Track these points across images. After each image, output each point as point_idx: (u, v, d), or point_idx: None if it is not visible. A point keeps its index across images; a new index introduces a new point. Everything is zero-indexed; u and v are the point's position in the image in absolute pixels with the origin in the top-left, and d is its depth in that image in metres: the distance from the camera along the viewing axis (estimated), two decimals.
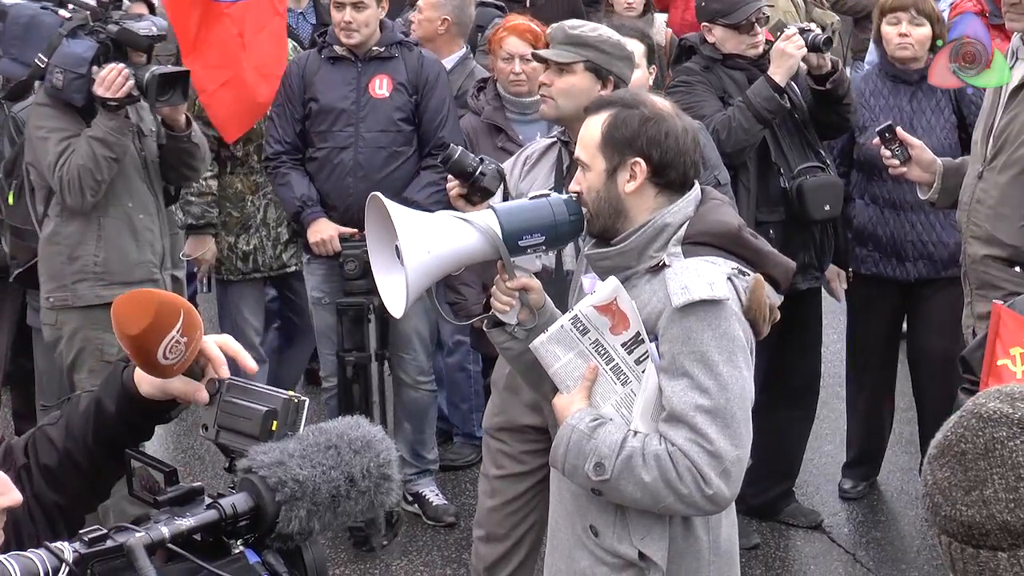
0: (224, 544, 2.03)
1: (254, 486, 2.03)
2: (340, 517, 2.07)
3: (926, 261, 6.24)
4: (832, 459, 7.02)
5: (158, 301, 2.18)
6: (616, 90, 4.70)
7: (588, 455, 3.40)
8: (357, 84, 6.31)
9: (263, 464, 2.03)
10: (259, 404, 2.18)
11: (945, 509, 1.94)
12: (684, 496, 3.35)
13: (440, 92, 6.34)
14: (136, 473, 2.21)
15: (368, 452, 2.07)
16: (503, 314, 3.63)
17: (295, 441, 2.07)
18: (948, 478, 1.94)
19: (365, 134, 6.27)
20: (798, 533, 6.41)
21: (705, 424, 3.33)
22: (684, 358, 3.35)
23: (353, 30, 6.26)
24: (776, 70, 5.88)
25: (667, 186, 3.52)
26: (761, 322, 3.46)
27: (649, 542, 3.50)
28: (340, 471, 2.04)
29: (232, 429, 2.21)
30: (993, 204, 5.04)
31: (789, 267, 3.59)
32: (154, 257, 5.85)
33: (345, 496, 2.05)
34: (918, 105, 6.20)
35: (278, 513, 2.01)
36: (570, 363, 3.48)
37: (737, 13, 6.03)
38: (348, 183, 6.27)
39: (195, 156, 5.93)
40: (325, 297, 6.39)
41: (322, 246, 6.25)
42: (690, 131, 3.55)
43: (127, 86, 5.51)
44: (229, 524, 2.02)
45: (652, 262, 3.47)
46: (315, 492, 2.02)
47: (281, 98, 6.44)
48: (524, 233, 3.50)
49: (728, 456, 3.34)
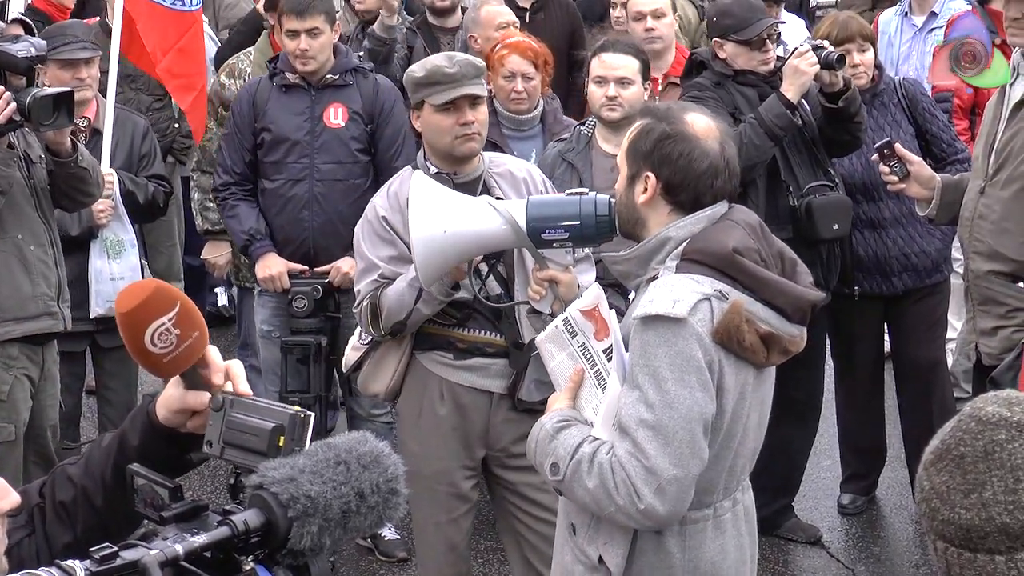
0: (235, 560, 2.03)
1: (265, 502, 2.02)
2: (349, 532, 2.06)
3: (911, 273, 6.26)
4: (831, 474, 7.02)
5: (156, 286, 2.20)
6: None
7: (548, 455, 3.46)
8: (311, 113, 6.13)
9: (274, 480, 2.02)
10: (266, 420, 2.18)
11: (943, 513, 1.95)
12: (620, 507, 3.36)
13: (396, 120, 6.16)
14: (139, 490, 2.20)
15: (376, 467, 2.07)
16: (535, 302, 3.70)
17: (304, 457, 2.06)
18: (946, 482, 1.95)
19: (321, 166, 6.09)
20: (797, 548, 6.40)
21: (645, 439, 3.33)
22: (639, 371, 3.36)
23: (309, 57, 6.08)
24: (788, 87, 5.85)
25: (679, 204, 3.53)
26: (738, 347, 3.39)
27: (610, 548, 3.51)
28: (350, 487, 2.04)
29: (238, 445, 2.20)
30: (996, 219, 5.06)
31: (801, 297, 3.50)
32: (49, 290, 5.57)
33: (355, 511, 2.04)
34: (875, 123, 6.21)
35: (290, 529, 2.01)
36: (562, 363, 3.55)
37: (749, 30, 6.01)
38: (304, 217, 6.11)
39: (86, 181, 5.63)
40: (275, 331, 6.24)
41: (270, 282, 6.11)
42: (711, 157, 3.52)
43: (8, 110, 5.22)
44: (241, 540, 2.01)
45: (653, 273, 3.51)
46: (327, 508, 2.02)
47: (230, 126, 6.25)
48: (548, 226, 3.61)
49: (664, 474, 3.32)
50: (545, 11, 8.15)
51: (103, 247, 6.25)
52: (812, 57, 5.86)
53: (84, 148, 5.68)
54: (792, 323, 3.49)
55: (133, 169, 6.46)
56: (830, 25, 6.27)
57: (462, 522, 4.98)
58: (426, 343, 4.84)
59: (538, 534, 4.85)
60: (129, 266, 6.30)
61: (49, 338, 5.66)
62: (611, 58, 5.75)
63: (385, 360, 4.89)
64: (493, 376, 4.82)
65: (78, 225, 6.16)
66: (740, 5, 6.10)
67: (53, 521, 2.37)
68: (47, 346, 5.65)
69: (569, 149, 5.72)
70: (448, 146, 4.78)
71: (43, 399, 5.66)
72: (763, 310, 3.43)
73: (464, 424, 4.87)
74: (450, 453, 4.88)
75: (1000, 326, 5.11)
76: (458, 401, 4.85)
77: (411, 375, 4.88)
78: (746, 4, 6.13)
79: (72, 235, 6.12)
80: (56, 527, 2.37)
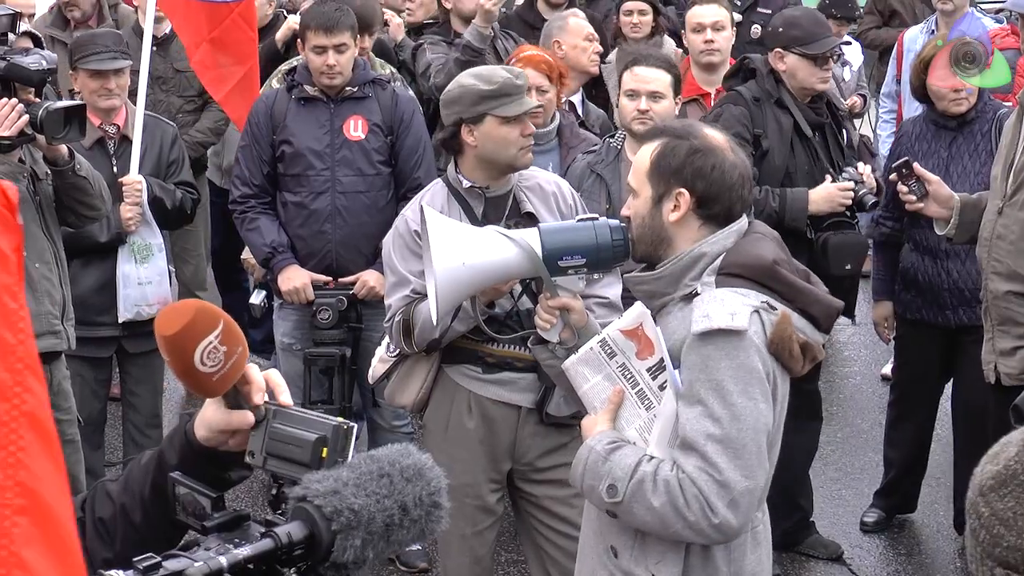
0: (277, 572, 2.02)
1: (309, 515, 2.01)
2: (392, 545, 2.05)
3: (966, 308, 6.13)
4: (854, 491, 7.01)
5: (197, 307, 2.16)
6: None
7: (603, 477, 3.43)
8: (331, 126, 6.12)
9: (318, 493, 2.01)
10: (309, 431, 2.16)
11: (1009, 540, 1.93)
12: (691, 523, 3.35)
13: (416, 131, 6.17)
14: (180, 498, 2.20)
15: (419, 480, 2.06)
16: (545, 332, 3.72)
17: (348, 469, 2.05)
18: (1013, 507, 1.93)
19: (342, 178, 6.09)
20: (818, 565, 6.39)
21: (715, 453, 3.33)
22: (700, 386, 3.36)
23: (337, 72, 6.08)
24: (818, 205, 5.89)
25: (711, 218, 3.53)
26: (788, 358, 3.44)
27: (663, 567, 3.51)
28: (393, 500, 2.03)
29: (280, 456, 2.19)
30: (1014, 240, 5.06)
31: (831, 305, 3.56)
32: (53, 308, 5.51)
33: (399, 525, 2.03)
34: (956, 150, 6.15)
35: (333, 542, 2.00)
36: (598, 385, 3.52)
37: (816, 44, 5.98)
38: (326, 229, 6.11)
39: (88, 191, 5.57)
40: (296, 344, 6.21)
41: (294, 295, 6.09)
42: (739, 167, 3.56)
43: (20, 123, 5.20)
44: (284, 553, 2.01)
45: (686, 290, 3.50)
46: (370, 521, 2.01)
47: (248, 138, 6.23)
48: (565, 254, 3.59)
49: (737, 487, 3.33)
50: None
51: (131, 252, 6.25)
52: (849, 195, 5.88)
53: (82, 158, 5.63)
54: (820, 331, 3.55)
55: (161, 175, 6.46)
56: (935, 47, 6.18)
57: (487, 535, 5.01)
58: (455, 356, 4.86)
59: (560, 548, 4.87)
60: (157, 270, 6.31)
61: (55, 356, 5.62)
62: (644, 72, 5.74)
63: (413, 372, 4.91)
64: (521, 390, 4.84)
65: (107, 231, 6.17)
66: (809, 19, 6.11)
67: (93, 536, 2.36)
68: (54, 364, 5.61)
69: (598, 161, 5.72)
70: (512, 158, 4.79)
71: (56, 415, 5.65)
72: (798, 319, 3.48)
73: (491, 437, 4.88)
74: (477, 466, 4.90)
75: (1019, 346, 5.12)
76: (486, 414, 4.87)
77: (439, 388, 4.91)
78: (815, 19, 6.15)
79: (100, 241, 6.15)
80: (96, 543, 2.36)
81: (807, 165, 6.00)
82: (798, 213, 5.85)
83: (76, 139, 5.39)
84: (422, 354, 4.85)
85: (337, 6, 6.23)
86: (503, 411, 4.87)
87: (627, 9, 8.50)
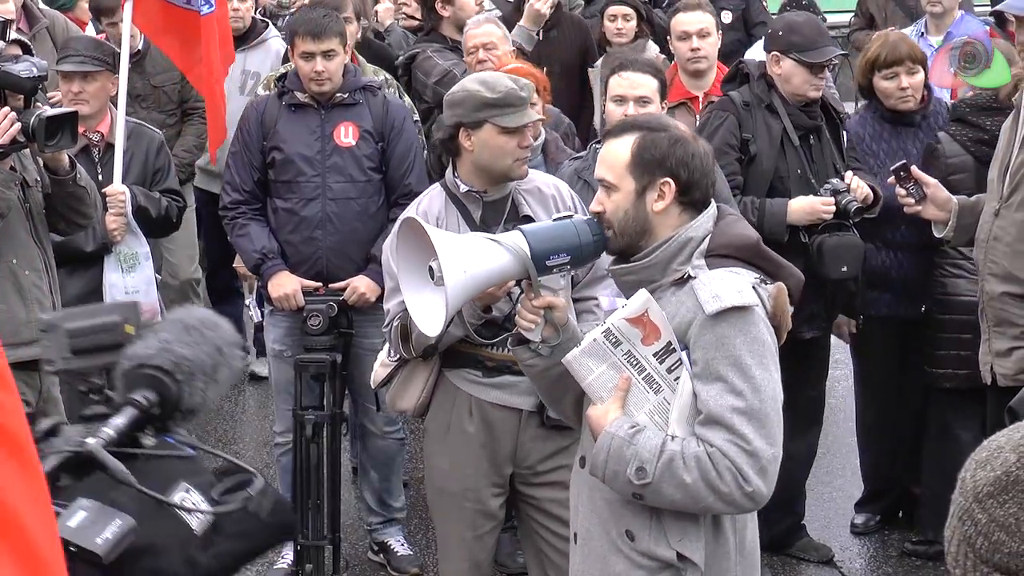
0: (135, 441, 2.11)
1: (151, 377, 2.12)
2: (220, 385, 2.19)
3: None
4: (843, 493, 7.02)
5: None
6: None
7: (629, 460, 3.51)
8: (321, 133, 6.09)
9: (150, 356, 2.14)
10: (109, 316, 2.27)
11: (1010, 545, 1.92)
12: (725, 495, 3.48)
13: (407, 138, 6.16)
14: None
15: (217, 328, 2.21)
16: (528, 331, 3.77)
17: (159, 333, 2.18)
18: (1015, 513, 1.92)
19: (333, 185, 6.06)
20: (809, 568, 6.39)
21: (742, 424, 3.47)
22: (718, 363, 3.49)
23: (325, 79, 6.05)
24: (799, 216, 5.91)
25: (691, 204, 3.66)
26: (783, 328, 3.63)
27: (687, 543, 3.61)
28: (208, 344, 2.18)
29: (88, 350, 2.24)
30: (1011, 241, 5.08)
31: (801, 279, 3.77)
32: (44, 315, 5.50)
33: (221, 364, 2.18)
34: (922, 144, 6.18)
35: (180, 392, 2.13)
36: (603, 375, 3.60)
37: (815, 52, 5.98)
38: (317, 236, 6.08)
39: (84, 201, 5.56)
40: (287, 351, 6.16)
41: (284, 301, 6.04)
42: (709, 152, 3.74)
43: (12, 130, 5.16)
44: (145, 415, 2.11)
45: (676, 275, 3.61)
46: (202, 364, 2.15)
47: (238, 144, 6.22)
48: (551, 253, 3.66)
49: (764, 454, 3.49)
50: (559, 28, 8.26)
51: (117, 261, 6.21)
52: (832, 208, 5.88)
53: (81, 167, 5.61)
54: (791, 304, 3.71)
55: (147, 183, 6.44)
56: (880, 46, 6.26)
57: (487, 539, 5.00)
58: (455, 360, 4.86)
59: (560, 552, 4.83)
60: (144, 279, 6.27)
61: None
62: (631, 76, 5.72)
63: (414, 377, 4.90)
64: (522, 393, 4.82)
65: (93, 241, 6.14)
66: (810, 27, 6.12)
67: None
68: (45, 370, 5.55)
69: (585, 167, 5.70)
70: (507, 168, 4.79)
71: None
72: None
73: (492, 441, 4.88)
74: (478, 470, 4.89)
75: (1015, 347, 5.15)
76: (487, 418, 4.86)
77: (440, 392, 4.90)
78: (817, 27, 6.16)
79: (87, 251, 6.12)
80: None
81: (800, 169, 6.00)
82: (777, 226, 5.87)
83: (68, 146, 5.36)
84: (422, 359, 4.84)
85: (325, 12, 6.21)
86: (504, 415, 4.87)
87: (611, 14, 8.51)
